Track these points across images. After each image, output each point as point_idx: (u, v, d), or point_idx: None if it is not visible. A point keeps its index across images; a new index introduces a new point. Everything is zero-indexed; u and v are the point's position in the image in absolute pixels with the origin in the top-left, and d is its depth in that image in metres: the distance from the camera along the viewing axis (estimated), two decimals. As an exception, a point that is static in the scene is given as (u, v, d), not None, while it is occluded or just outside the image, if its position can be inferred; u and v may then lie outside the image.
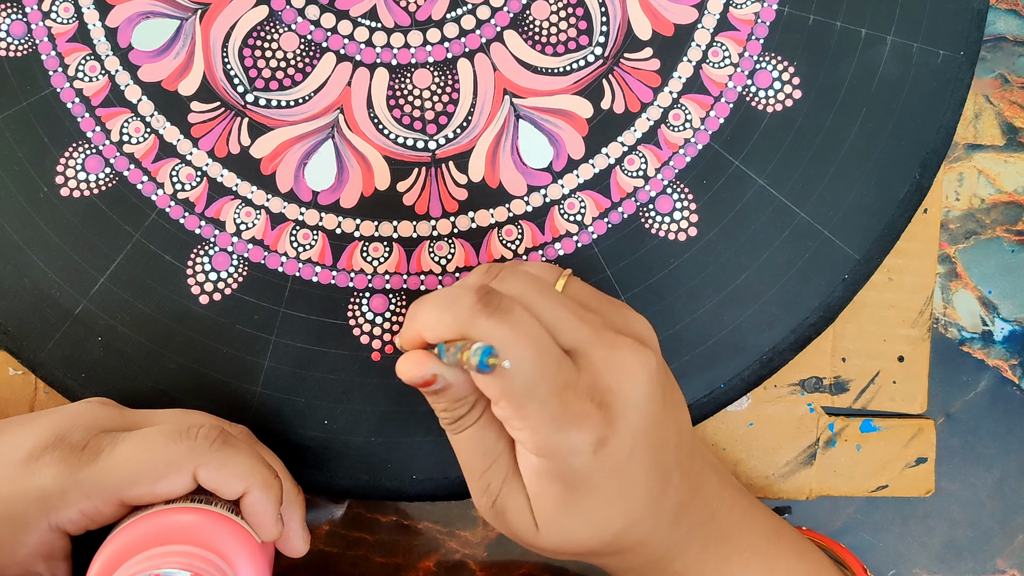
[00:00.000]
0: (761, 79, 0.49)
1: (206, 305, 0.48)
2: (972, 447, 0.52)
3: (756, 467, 0.51)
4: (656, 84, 0.49)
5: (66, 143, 0.49)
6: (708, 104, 0.49)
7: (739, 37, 0.50)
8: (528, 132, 0.49)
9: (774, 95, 0.49)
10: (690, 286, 0.49)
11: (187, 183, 0.49)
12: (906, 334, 0.51)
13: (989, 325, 0.52)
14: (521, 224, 0.49)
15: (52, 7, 0.49)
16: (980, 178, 0.52)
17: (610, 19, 0.49)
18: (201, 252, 0.49)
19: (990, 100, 0.53)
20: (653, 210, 0.49)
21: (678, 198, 0.49)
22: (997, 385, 0.52)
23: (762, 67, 0.49)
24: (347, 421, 0.48)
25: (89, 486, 0.40)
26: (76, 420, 0.42)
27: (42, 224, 0.48)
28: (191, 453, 0.40)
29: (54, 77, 0.49)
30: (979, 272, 0.52)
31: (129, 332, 0.48)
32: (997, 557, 0.52)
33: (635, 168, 0.49)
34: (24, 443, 0.41)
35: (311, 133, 0.49)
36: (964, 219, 0.52)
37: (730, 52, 0.49)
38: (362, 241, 0.49)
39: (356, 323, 0.49)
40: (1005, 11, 0.52)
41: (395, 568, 0.51)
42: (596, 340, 0.39)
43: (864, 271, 0.49)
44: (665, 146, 0.49)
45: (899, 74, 0.49)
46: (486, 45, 0.49)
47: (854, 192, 0.49)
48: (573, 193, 0.49)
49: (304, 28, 0.49)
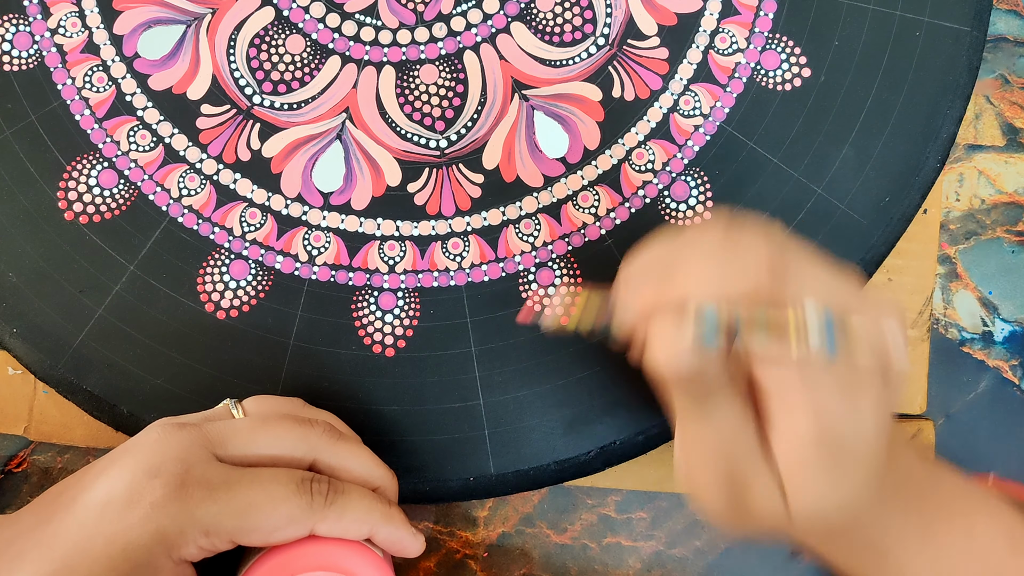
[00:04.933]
0: (769, 60, 0.50)
1: (223, 312, 0.49)
2: (972, 447, 0.52)
3: (757, 467, 0.51)
4: (664, 71, 0.50)
5: (75, 154, 0.49)
6: (718, 90, 0.50)
7: (744, 21, 0.50)
8: (543, 121, 0.49)
9: (782, 75, 0.50)
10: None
11: (194, 189, 0.49)
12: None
13: (989, 326, 0.52)
14: (538, 217, 0.49)
15: (59, 23, 0.49)
16: (980, 179, 0.52)
17: (614, 8, 0.50)
18: (216, 259, 0.49)
19: (990, 100, 0.53)
20: (669, 197, 0.49)
21: (694, 184, 0.49)
22: (997, 386, 0.52)
23: (770, 47, 0.50)
24: (359, 421, 0.48)
25: (207, 524, 0.39)
26: (162, 452, 0.41)
27: (54, 235, 0.48)
28: (310, 510, 0.41)
29: (64, 90, 0.49)
30: (979, 273, 0.52)
31: (145, 339, 0.48)
32: (997, 557, 0.52)
33: (643, 162, 0.49)
34: (118, 488, 0.40)
35: (320, 134, 0.49)
36: (964, 220, 0.52)
37: (736, 37, 0.50)
38: (379, 241, 0.49)
39: (363, 322, 0.49)
40: (1005, 11, 0.53)
41: (395, 568, 0.51)
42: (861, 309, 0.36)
43: (882, 247, 0.49)
44: (678, 134, 0.49)
45: (907, 48, 0.50)
46: (492, 37, 0.50)
47: (869, 165, 0.49)
48: (589, 186, 0.49)
49: (310, 27, 0.49)
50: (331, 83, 0.49)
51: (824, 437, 0.36)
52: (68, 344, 0.48)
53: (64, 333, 0.48)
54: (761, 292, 0.35)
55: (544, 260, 0.49)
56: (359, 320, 0.49)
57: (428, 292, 0.49)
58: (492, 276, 0.49)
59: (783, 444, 0.37)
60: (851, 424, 0.36)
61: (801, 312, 0.34)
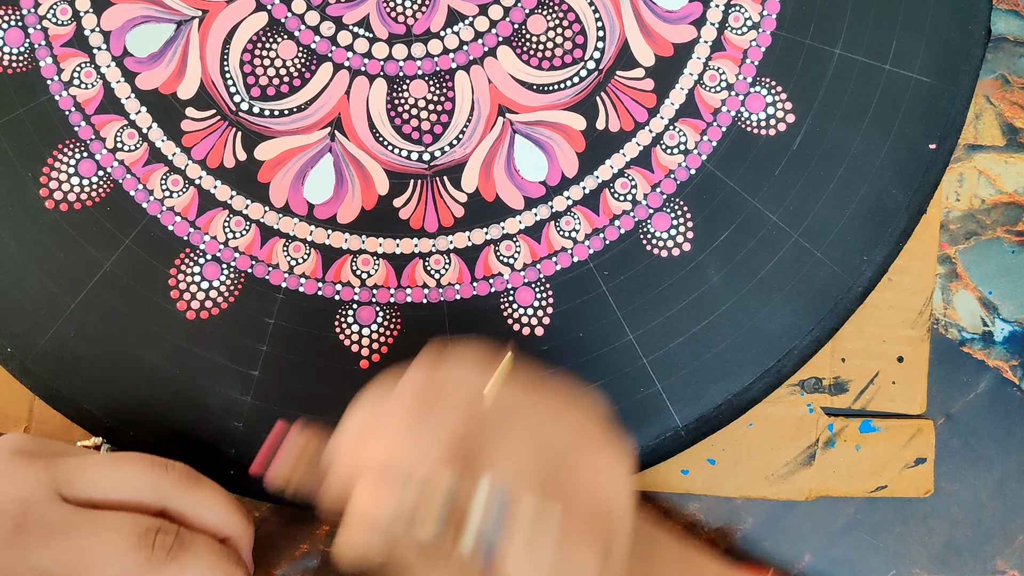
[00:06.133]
0: (753, 103, 0.50)
1: (194, 314, 0.48)
2: (972, 448, 0.52)
3: (755, 467, 0.51)
4: (651, 104, 0.50)
5: (58, 147, 0.49)
6: (701, 127, 0.50)
7: (735, 58, 0.50)
8: (523, 146, 0.49)
9: (766, 120, 0.50)
10: (685, 303, 0.49)
11: (175, 191, 0.49)
12: (905, 335, 0.51)
13: (989, 326, 0.52)
14: (519, 239, 0.49)
15: (49, 10, 0.49)
16: (980, 179, 0.52)
17: (607, 34, 0.50)
18: (191, 261, 0.49)
19: (990, 100, 0.52)
20: (650, 229, 0.49)
21: (675, 216, 0.49)
22: (997, 386, 0.52)
23: (755, 91, 0.50)
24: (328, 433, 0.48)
25: (39, 572, 0.38)
26: (3, 489, 0.40)
27: (35, 229, 0.48)
28: (148, 565, 0.39)
29: (52, 85, 0.49)
30: (979, 273, 0.52)
31: (118, 339, 0.48)
32: (997, 558, 0.52)
33: (625, 191, 0.49)
34: None
35: (310, 145, 0.49)
36: (964, 220, 0.52)
37: (726, 74, 0.50)
38: (352, 256, 0.49)
39: (345, 335, 0.49)
40: (1005, 11, 0.52)
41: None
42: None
43: (857, 294, 0.49)
44: (657, 169, 0.49)
45: (893, 103, 0.50)
46: (481, 59, 0.49)
47: (847, 215, 0.49)
48: (568, 210, 0.49)
49: (306, 37, 0.49)
50: (322, 91, 0.49)
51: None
52: (38, 336, 0.48)
53: (35, 326, 0.48)
54: (453, 461, 0.33)
55: (529, 280, 0.49)
56: (340, 332, 0.49)
57: (406, 308, 0.49)
58: (466, 296, 0.49)
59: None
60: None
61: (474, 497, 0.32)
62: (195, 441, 0.48)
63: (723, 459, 0.51)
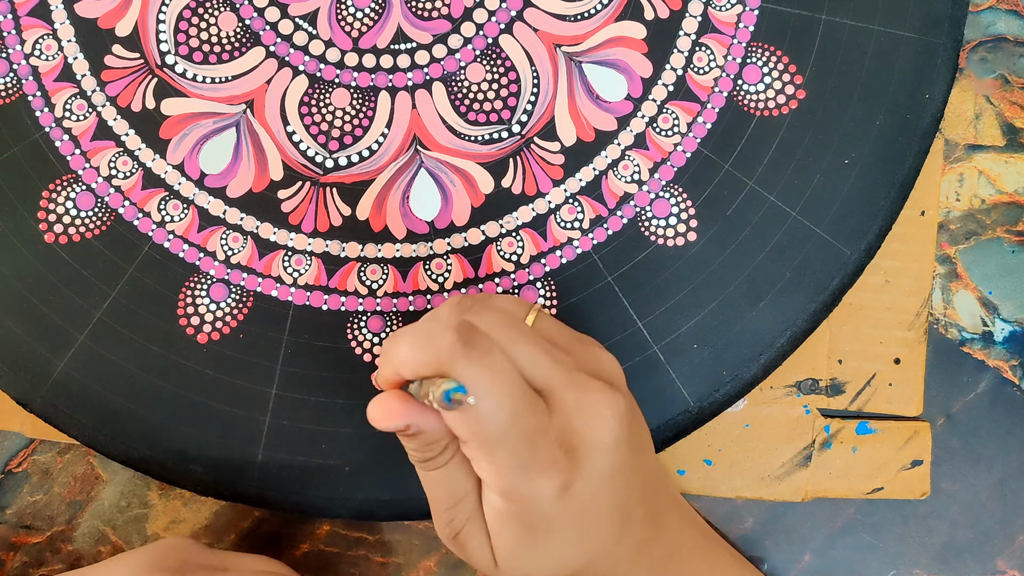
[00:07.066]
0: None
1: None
2: (972, 448, 0.52)
3: (752, 468, 0.51)
4: (558, 177, 0.49)
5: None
6: (602, 208, 0.50)
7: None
8: (423, 181, 0.49)
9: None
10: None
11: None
12: (902, 336, 0.51)
13: (989, 326, 0.52)
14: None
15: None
16: (980, 179, 0.52)
17: (537, 103, 0.49)
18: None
19: (990, 100, 0.52)
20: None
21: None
22: (997, 386, 0.52)
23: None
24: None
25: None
26: (167, 551, 0.44)
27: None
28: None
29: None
30: (979, 273, 0.52)
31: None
32: (997, 558, 0.52)
33: (512, 250, 0.49)
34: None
35: (219, 115, 0.49)
36: (964, 220, 0.52)
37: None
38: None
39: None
40: (1005, 11, 0.52)
41: (395, 568, 0.51)
42: (567, 382, 0.38)
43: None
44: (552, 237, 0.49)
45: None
46: (413, 88, 0.49)
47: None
48: (446, 255, 0.49)
49: (246, 12, 0.49)
50: (249, 72, 0.49)
51: (511, 512, 0.39)
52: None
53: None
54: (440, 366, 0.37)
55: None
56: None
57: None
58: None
59: (487, 513, 0.40)
60: (540, 503, 0.38)
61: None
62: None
63: (719, 460, 0.51)
